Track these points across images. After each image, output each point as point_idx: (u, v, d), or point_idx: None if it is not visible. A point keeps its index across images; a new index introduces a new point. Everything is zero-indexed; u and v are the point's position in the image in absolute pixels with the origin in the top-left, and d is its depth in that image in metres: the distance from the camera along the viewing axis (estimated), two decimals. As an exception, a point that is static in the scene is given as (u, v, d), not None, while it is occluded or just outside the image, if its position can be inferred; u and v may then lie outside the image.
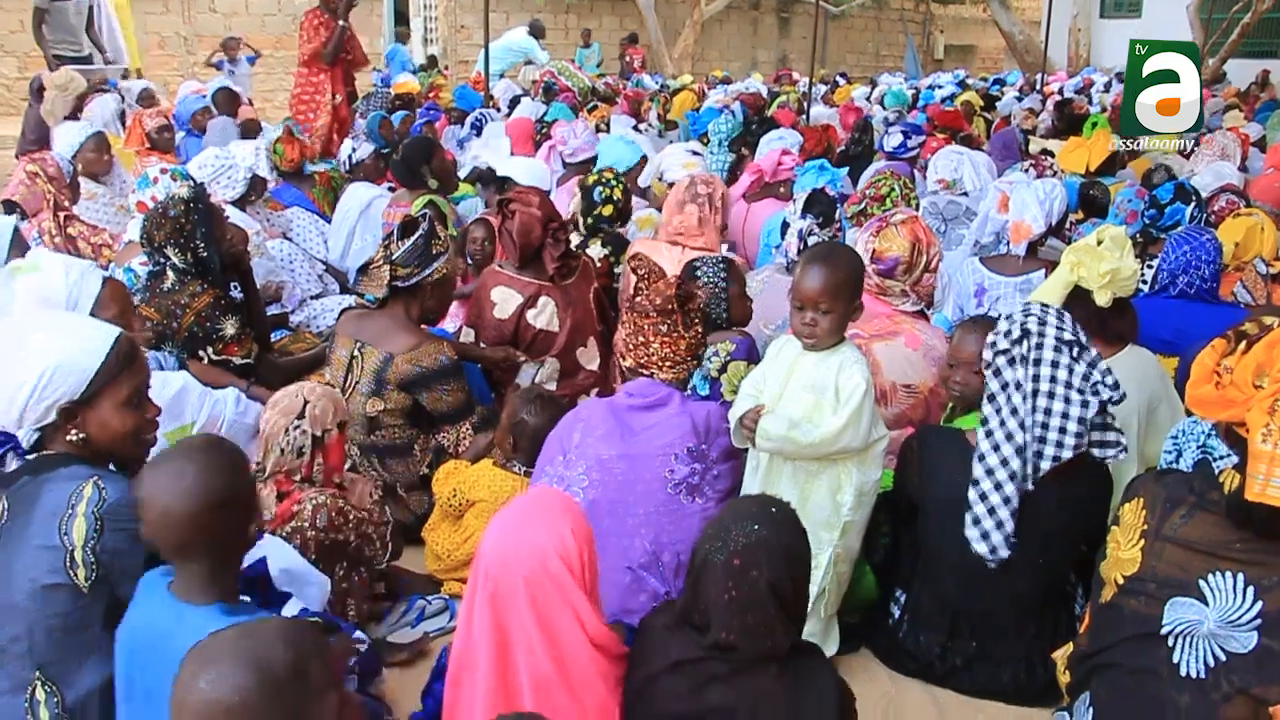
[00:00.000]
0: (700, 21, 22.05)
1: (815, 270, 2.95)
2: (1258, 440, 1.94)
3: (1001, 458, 2.88)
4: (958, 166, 6.34)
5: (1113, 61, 22.82)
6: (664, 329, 3.10)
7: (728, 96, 12.41)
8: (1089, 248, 3.49)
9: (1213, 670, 2.10)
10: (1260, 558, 2.08)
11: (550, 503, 2.37)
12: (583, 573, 2.21)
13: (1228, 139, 8.38)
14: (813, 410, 2.98)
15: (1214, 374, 2.07)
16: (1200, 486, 2.21)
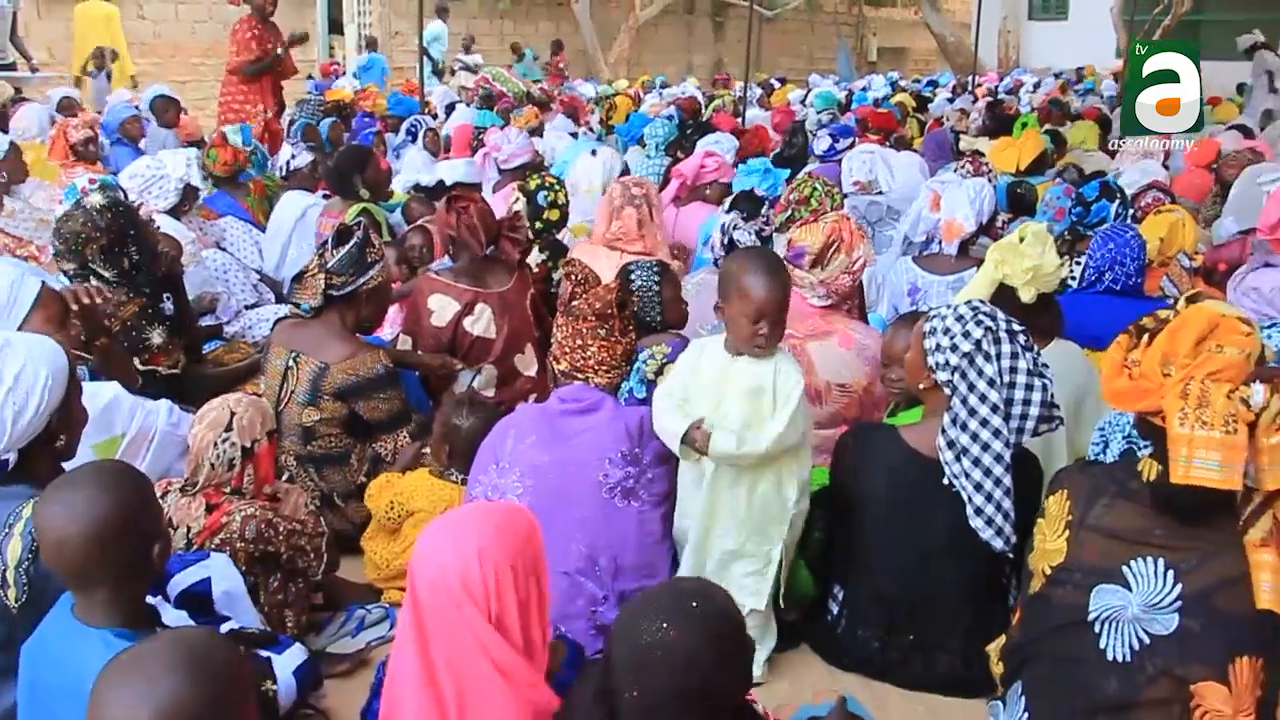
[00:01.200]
0: (635, 26, 22.14)
1: (769, 280, 2.97)
2: (1175, 425, 2.00)
3: (995, 454, 2.93)
4: (872, 167, 6.41)
5: (1041, 62, 23.28)
6: (602, 333, 3.10)
7: (663, 101, 12.46)
8: (1012, 246, 3.56)
9: (1137, 653, 2.15)
10: (1178, 542, 2.14)
11: (471, 521, 2.20)
12: (487, 599, 2.04)
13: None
14: (752, 416, 3.01)
15: (1123, 368, 2.13)
16: (1121, 476, 2.27)
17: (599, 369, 3.12)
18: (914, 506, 3.04)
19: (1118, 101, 14.59)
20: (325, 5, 20.02)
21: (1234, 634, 2.08)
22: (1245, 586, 2.06)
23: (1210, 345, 2.07)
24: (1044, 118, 11.12)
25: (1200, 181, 7.83)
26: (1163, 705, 2.13)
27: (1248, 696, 2.07)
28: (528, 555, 2.12)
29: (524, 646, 2.10)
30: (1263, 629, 2.06)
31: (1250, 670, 2.06)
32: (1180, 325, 2.10)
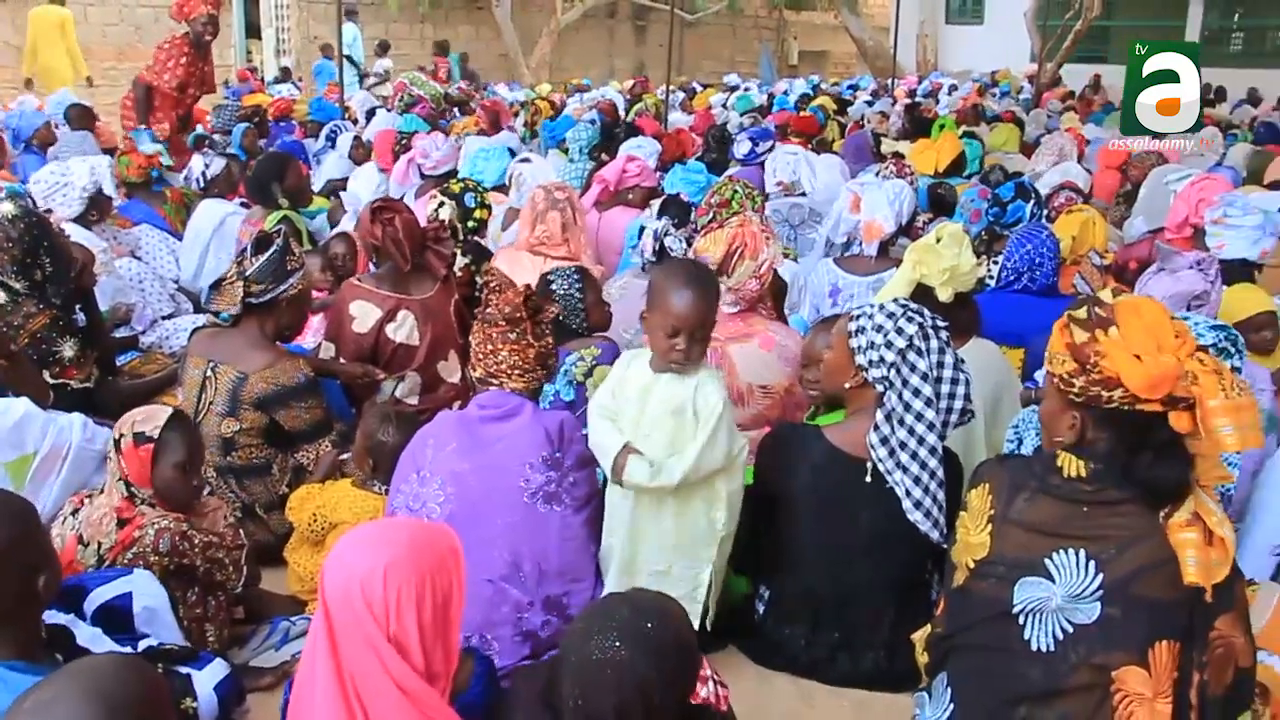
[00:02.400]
0: (557, 30, 22.09)
1: (690, 295, 2.94)
2: (1220, 398, 2.01)
3: (930, 447, 2.98)
4: (795, 169, 6.47)
5: (959, 65, 23.69)
6: (512, 337, 3.07)
7: (584, 105, 12.46)
8: (929, 247, 3.61)
9: (1061, 643, 2.19)
10: (1097, 533, 2.18)
11: (384, 536, 2.16)
12: (386, 616, 2.02)
13: (1065, 139, 8.78)
14: (676, 436, 3.00)
15: (1082, 365, 2.15)
16: (1041, 470, 2.30)
17: (512, 373, 3.09)
18: (837, 505, 3.07)
19: (1033, 104, 14.96)
20: (242, 9, 19.72)
21: (1154, 619, 2.12)
22: (1164, 572, 2.10)
23: (1178, 326, 2.13)
24: (961, 120, 11.31)
25: (1110, 182, 8.03)
26: (1085, 691, 2.16)
27: (1166, 679, 2.12)
28: (439, 579, 2.09)
29: (425, 668, 2.05)
30: (1181, 613, 2.11)
31: (1169, 653, 2.11)
32: (1141, 312, 2.13)
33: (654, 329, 3.01)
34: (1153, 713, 2.12)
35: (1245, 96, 18.38)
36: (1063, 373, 2.18)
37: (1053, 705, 2.20)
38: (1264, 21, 24.48)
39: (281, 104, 11.28)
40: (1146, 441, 2.12)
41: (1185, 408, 2.06)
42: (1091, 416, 2.18)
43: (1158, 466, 2.11)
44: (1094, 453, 2.20)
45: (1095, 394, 2.13)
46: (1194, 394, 2.03)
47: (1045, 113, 13.48)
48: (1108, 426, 2.16)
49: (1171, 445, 2.10)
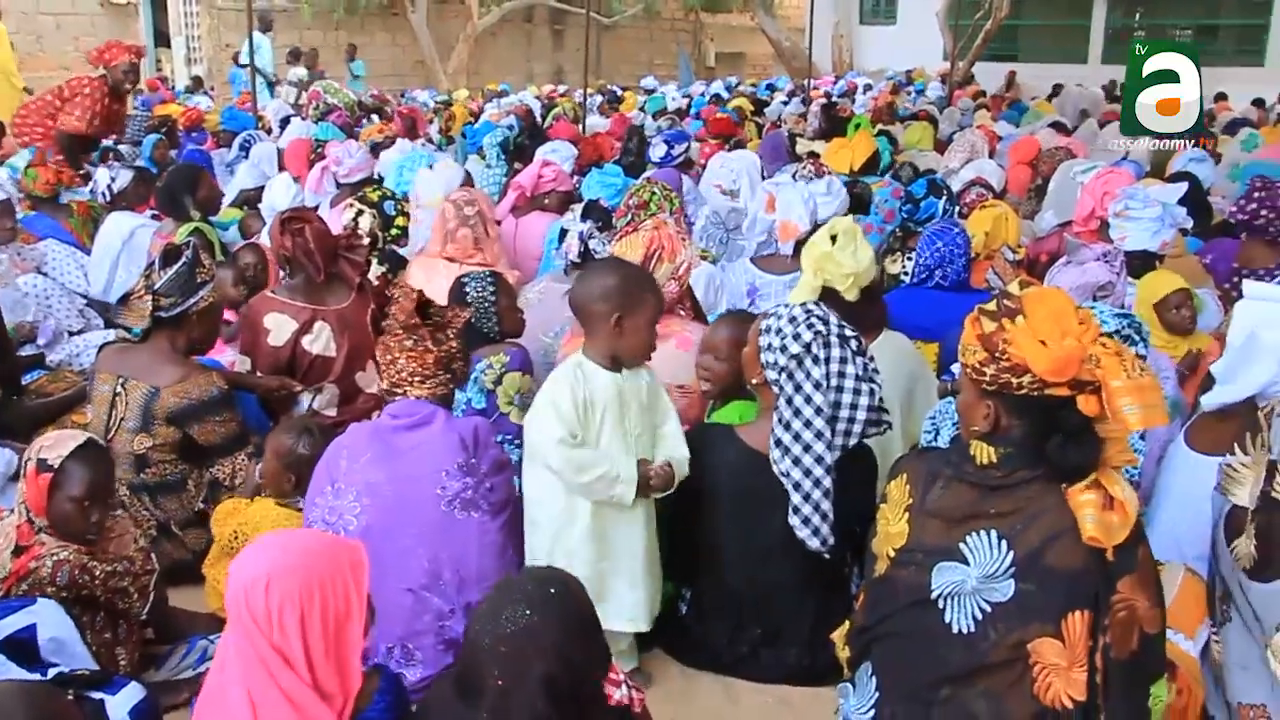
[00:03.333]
0: (474, 35, 21.96)
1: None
2: (1122, 378, 2.07)
3: (816, 455, 3.01)
4: (737, 176, 6.51)
5: (874, 65, 24.01)
6: (409, 344, 3.05)
7: (502, 110, 12.41)
8: (826, 254, 3.65)
9: (980, 623, 2.23)
10: (1005, 510, 2.23)
11: (277, 547, 2.16)
12: (270, 626, 2.02)
13: (977, 136, 8.93)
14: (645, 428, 3.12)
15: (992, 354, 2.20)
16: (955, 460, 2.35)
17: (413, 380, 3.07)
18: (754, 503, 3.10)
19: (946, 102, 15.21)
20: (150, 17, 19.33)
21: (1065, 589, 2.17)
22: (1069, 539, 2.16)
23: (1082, 314, 2.18)
24: (876, 119, 11.47)
25: (1022, 177, 8.19)
26: (1006, 667, 2.21)
27: (1081, 648, 2.16)
28: (330, 593, 2.07)
29: (313, 683, 2.05)
30: (1090, 581, 2.16)
31: (1082, 623, 2.16)
32: (1047, 301, 2.19)
33: (641, 326, 3.06)
34: (1069, 681, 2.17)
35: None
36: (974, 363, 2.23)
37: (974, 683, 2.24)
38: (1163, 21, 25.18)
39: (193, 114, 11.08)
40: (1057, 426, 2.17)
41: (1092, 391, 2.11)
42: (1004, 405, 2.22)
43: (1068, 449, 2.17)
44: (1007, 439, 2.25)
45: (1006, 381, 2.17)
46: (1098, 377, 2.09)
47: (958, 110, 13.72)
48: (1020, 414, 2.21)
49: (1081, 429, 2.15)
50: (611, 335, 3.03)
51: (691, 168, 7.73)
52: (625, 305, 3.04)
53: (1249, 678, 2.42)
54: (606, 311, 3.03)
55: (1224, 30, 24.70)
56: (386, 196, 5.13)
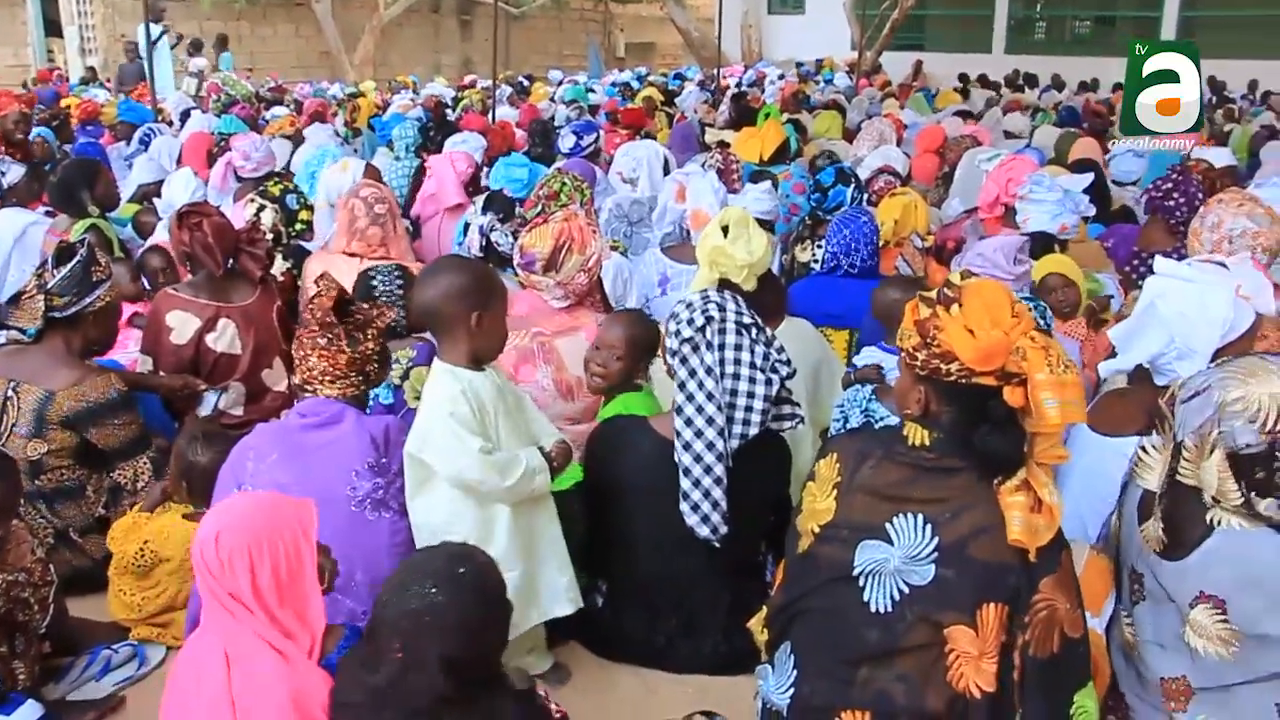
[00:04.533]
0: (380, 26, 21.67)
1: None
2: (1045, 372, 2.09)
3: (707, 441, 2.98)
4: (637, 165, 6.50)
5: (783, 54, 24.21)
6: (322, 343, 2.97)
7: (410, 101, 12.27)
8: (719, 247, 3.65)
9: (898, 603, 2.24)
10: (935, 496, 2.24)
11: (230, 507, 2.38)
12: (223, 573, 2.23)
13: (884, 124, 9.04)
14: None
15: (924, 340, 2.21)
16: (888, 439, 2.36)
17: (324, 379, 2.99)
18: (667, 494, 3.07)
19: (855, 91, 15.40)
20: (39, 6, 18.73)
21: (983, 581, 2.19)
22: (996, 535, 2.17)
23: (1017, 307, 2.20)
24: (785, 108, 11.56)
25: (929, 165, 8.31)
26: (922, 650, 2.22)
27: (992, 640, 2.18)
28: (278, 543, 2.26)
29: (269, 618, 2.24)
30: (1008, 576, 2.18)
31: (996, 615, 2.18)
32: (983, 292, 2.20)
33: (499, 322, 3.01)
34: (978, 670, 2.19)
35: (1050, 82, 19.30)
36: (909, 347, 2.25)
37: (891, 665, 2.26)
38: (1064, 12, 25.84)
39: (88, 106, 10.76)
40: (984, 415, 2.19)
41: (1018, 383, 2.13)
42: (935, 390, 2.24)
43: (993, 438, 2.19)
44: (938, 424, 2.27)
45: (935, 367, 2.19)
46: (1024, 369, 2.12)
47: (866, 99, 13.89)
48: (950, 400, 2.23)
49: (1007, 420, 2.17)
50: (472, 335, 2.93)
51: (600, 158, 7.70)
52: (483, 302, 2.94)
53: (1167, 654, 2.47)
54: (465, 311, 2.91)
55: (1121, 21, 25.39)
56: (289, 190, 5.02)
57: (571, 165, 6.53)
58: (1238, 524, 2.34)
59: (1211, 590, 2.34)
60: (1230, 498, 2.32)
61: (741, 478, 3.04)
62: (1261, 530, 2.32)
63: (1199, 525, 2.37)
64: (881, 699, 2.25)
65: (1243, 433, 2.27)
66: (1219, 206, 4.04)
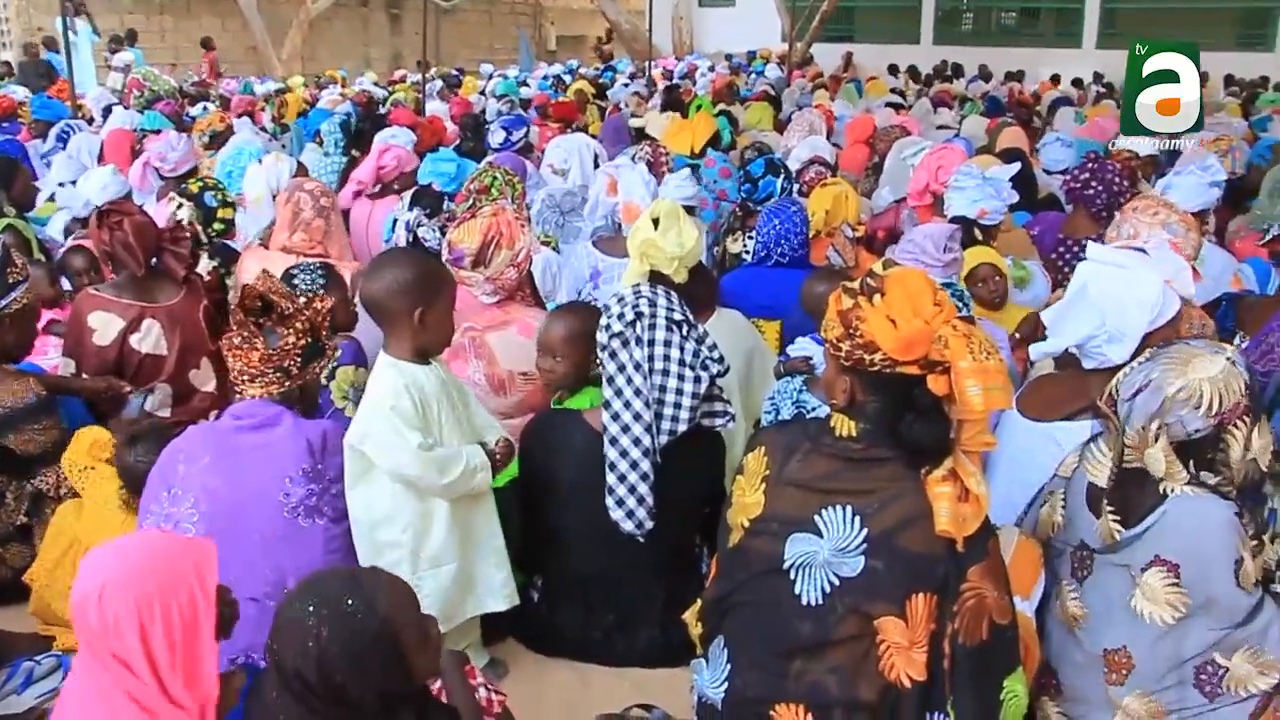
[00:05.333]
0: (308, 20, 21.36)
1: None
2: (968, 359, 2.11)
3: (634, 437, 2.98)
4: (568, 156, 6.48)
5: (714, 47, 24.28)
6: (237, 341, 2.91)
7: (339, 97, 12.12)
8: (650, 240, 3.65)
9: (828, 595, 2.25)
10: (863, 487, 2.26)
11: (116, 553, 2.06)
12: (106, 635, 1.93)
13: (814, 115, 9.09)
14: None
15: (848, 330, 2.22)
16: (815, 431, 2.37)
17: (242, 378, 2.93)
18: (601, 488, 3.06)
19: (786, 83, 15.48)
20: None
21: (912, 571, 2.21)
22: (923, 525, 2.19)
23: (939, 296, 2.21)
24: (717, 100, 11.58)
25: (859, 155, 8.38)
26: (853, 642, 2.24)
27: (922, 629, 2.21)
28: (176, 598, 1.98)
29: (160, 690, 1.96)
30: (937, 566, 2.20)
31: (925, 605, 2.20)
32: (906, 282, 2.21)
33: (444, 316, 3.01)
34: (909, 661, 2.21)
35: (977, 72, 19.58)
36: (833, 338, 2.27)
37: (824, 658, 2.27)
38: (990, 3, 26.21)
39: (4, 102, 10.48)
40: (909, 404, 2.21)
41: (942, 371, 2.16)
42: (860, 381, 2.26)
43: (918, 427, 2.21)
44: (864, 414, 2.28)
45: (859, 358, 2.21)
46: (946, 357, 2.13)
47: (797, 90, 13.97)
48: (875, 390, 2.25)
49: (932, 408, 2.19)
50: (417, 330, 2.93)
51: (531, 152, 7.67)
52: (427, 297, 2.94)
53: (1112, 623, 2.54)
54: (409, 306, 2.92)
55: (1045, 13, 25.82)
56: (208, 188, 4.92)
57: (502, 160, 6.49)
58: (1190, 491, 2.45)
59: (1166, 555, 2.44)
60: (1179, 477, 2.44)
61: (673, 473, 3.05)
62: (1211, 496, 2.45)
63: (1152, 496, 2.47)
64: (815, 691, 2.26)
65: (1191, 420, 2.39)
66: (1134, 216, 4.10)
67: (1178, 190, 5.13)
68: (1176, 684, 2.50)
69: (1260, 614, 2.50)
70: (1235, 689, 2.49)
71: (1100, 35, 23.33)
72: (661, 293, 3.12)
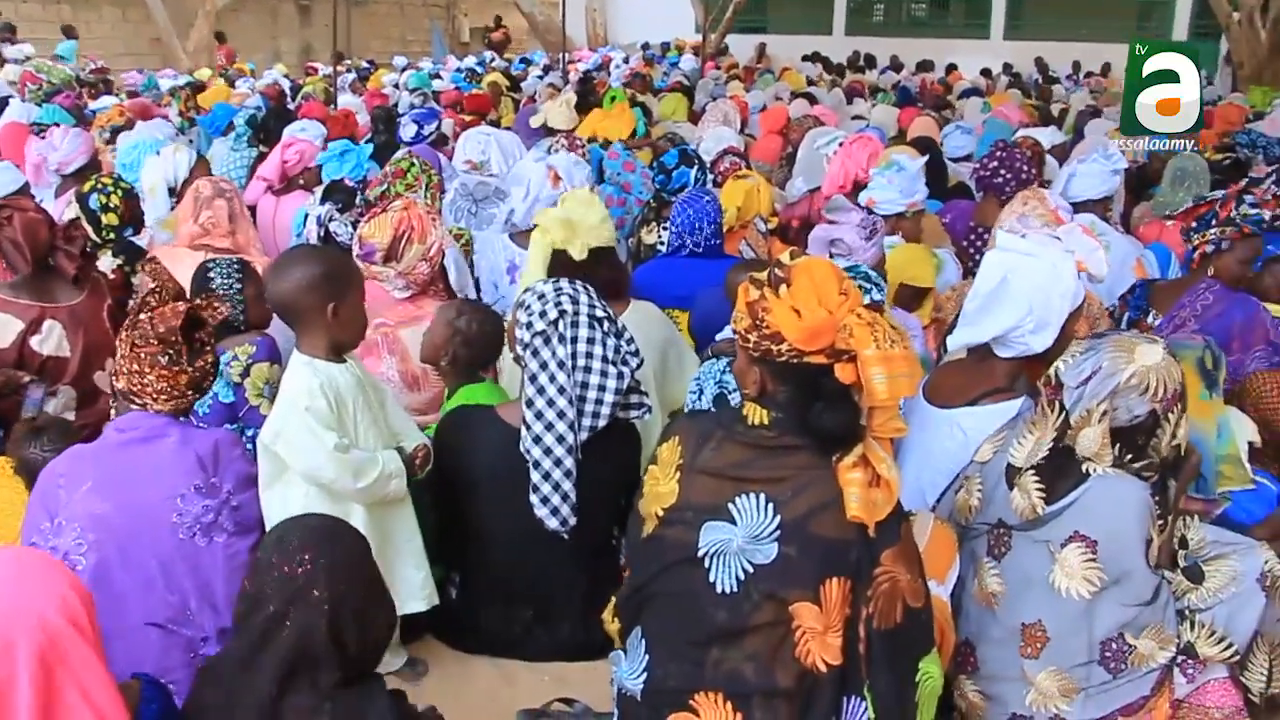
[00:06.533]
0: (214, 11, 20.87)
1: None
2: (872, 348, 2.12)
3: (558, 435, 2.98)
4: (485, 148, 6.43)
5: (629, 38, 24.26)
6: (163, 360, 2.76)
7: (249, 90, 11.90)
8: (553, 216, 3.68)
9: (743, 583, 2.26)
10: (775, 475, 2.27)
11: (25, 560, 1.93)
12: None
13: (728, 106, 9.15)
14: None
15: (755, 322, 2.22)
16: (728, 420, 2.38)
17: (158, 397, 2.80)
18: (517, 484, 3.06)
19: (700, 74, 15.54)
20: None
21: (826, 557, 2.22)
22: (835, 511, 2.21)
23: (845, 285, 2.23)
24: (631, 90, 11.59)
25: (773, 146, 8.45)
26: (769, 629, 2.25)
27: (837, 614, 2.23)
28: (33, 637, 1.74)
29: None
30: (850, 551, 2.23)
31: (839, 590, 2.22)
32: (811, 272, 2.23)
33: (356, 310, 2.97)
34: (824, 645, 2.23)
35: (889, 63, 19.85)
36: (741, 329, 2.28)
37: (740, 645, 2.28)
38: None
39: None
40: (818, 392, 2.22)
41: (848, 360, 2.17)
42: (769, 370, 2.27)
43: (827, 416, 2.23)
44: (775, 403, 2.30)
45: (767, 348, 2.22)
46: (852, 346, 2.15)
47: (712, 81, 14.03)
48: (784, 379, 2.26)
49: (841, 397, 2.21)
50: (330, 325, 2.88)
51: (445, 145, 7.61)
52: (339, 292, 2.89)
53: (1029, 598, 2.63)
54: (321, 303, 2.86)
55: (954, 5, 26.29)
56: (95, 189, 4.77)
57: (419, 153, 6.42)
58: (1112, 472, 2.57)
59: (1085, 531, 2.55)
60: (1105, 459, 2.56)
61: (591, 466, 3.05)
62: (1130, 478, 2.57)
63: (1074, 475, 2.58)
64: (733, 679, 2.27)
65: (1137, 405, 2.52)
66: (1013, 220, 4.24)
67: (1081, 178, 5.24)
68: (1086, 661, 2.59)
69: (1161, 593, 2.63)
70: (1138, 665, 2.60)
71: (1008, 27, 23.89)
72: (582, 289, 3.12)
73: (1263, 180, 5.10)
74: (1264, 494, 3.46)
